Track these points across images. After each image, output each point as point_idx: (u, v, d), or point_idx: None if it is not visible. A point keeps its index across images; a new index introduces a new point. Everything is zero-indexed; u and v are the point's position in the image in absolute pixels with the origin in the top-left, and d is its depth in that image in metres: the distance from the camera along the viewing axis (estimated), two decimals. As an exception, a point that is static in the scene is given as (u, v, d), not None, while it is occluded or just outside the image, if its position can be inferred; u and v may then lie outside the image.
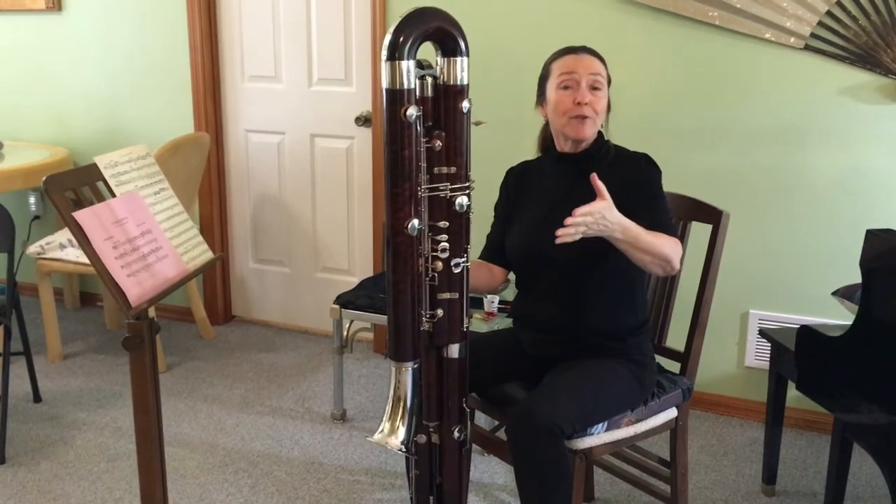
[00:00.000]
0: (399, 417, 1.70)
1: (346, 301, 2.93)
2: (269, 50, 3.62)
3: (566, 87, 1.97)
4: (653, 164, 1.99)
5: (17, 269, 2.84)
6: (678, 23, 2.87)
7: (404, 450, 1.70)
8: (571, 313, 2.00)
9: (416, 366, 1.71)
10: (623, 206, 1.81)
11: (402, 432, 1.69)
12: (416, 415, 1.76)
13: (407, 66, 1.55)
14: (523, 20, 3.07)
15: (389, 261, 1.65)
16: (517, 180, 2.16)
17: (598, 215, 1.73)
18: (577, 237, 1.73)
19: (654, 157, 2.00)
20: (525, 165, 2.17)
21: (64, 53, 3.89)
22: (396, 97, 1.57)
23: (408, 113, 1.57)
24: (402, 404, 1.70)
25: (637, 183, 1.95)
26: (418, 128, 1.62)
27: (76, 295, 4.15)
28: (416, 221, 1.62)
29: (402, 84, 1.56)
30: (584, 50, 2.01)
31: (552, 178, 2.07)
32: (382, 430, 1.71)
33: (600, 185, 1.77)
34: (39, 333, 3.55)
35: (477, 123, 1.72)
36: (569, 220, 1.71)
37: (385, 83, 1.57)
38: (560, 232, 1.72)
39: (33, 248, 3.37)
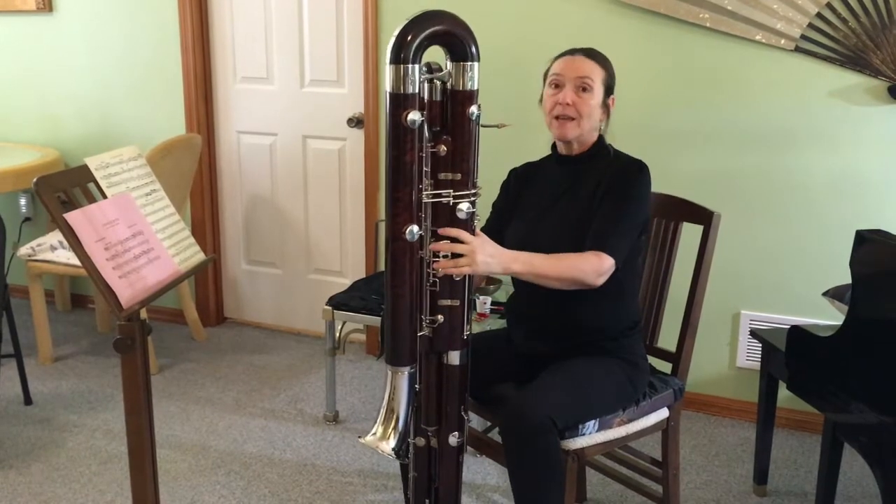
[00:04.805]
0: (392, 425, 1.69)
1: (339, 302, 2.93)
2: (261, 51, 3.61)
3: (555, 86, 2.01)
4: (643, 172, 1.98)
5: (8, 271, 2.84)
6: (669, 25, 2.88)
7: (394, 456, 1.70)
8: (564, 311, 2.01)
9: (412, 370, 1.71)
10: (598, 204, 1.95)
11: (393, 439, 1.69)
12: (414, 419, 1.76)
13: (412, 69, 1.50)
14: (516, 21, 3.07)
15: (388, 265, 1.63)
16: (519, 180, 2.18)
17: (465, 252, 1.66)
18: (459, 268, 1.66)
19: (645, 158, 2.01)
20: (528, 166, 2.20)
21: (55, 54, 3.87)
22: (399, 101, 1.52)
23: (409, 118, 1.52)
24: (395, 411, 1.69)
25: (614, 182, 1.96)
26: (425, 133, 1.58)
27: (67, 297, 4.13)
28: (415, 227, 1.59)
29: (405, 88, 1.51)
30: (582, 52, 2.02)
31: (552, 178, 2.09)
32: (375, 433, 1.71)
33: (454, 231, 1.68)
34: (30, 336, 3.53)
35: (499, 126, 1.69)
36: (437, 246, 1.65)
37: (388, 86, 1.52)
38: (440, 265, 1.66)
39: (24, 250, 3.35)
